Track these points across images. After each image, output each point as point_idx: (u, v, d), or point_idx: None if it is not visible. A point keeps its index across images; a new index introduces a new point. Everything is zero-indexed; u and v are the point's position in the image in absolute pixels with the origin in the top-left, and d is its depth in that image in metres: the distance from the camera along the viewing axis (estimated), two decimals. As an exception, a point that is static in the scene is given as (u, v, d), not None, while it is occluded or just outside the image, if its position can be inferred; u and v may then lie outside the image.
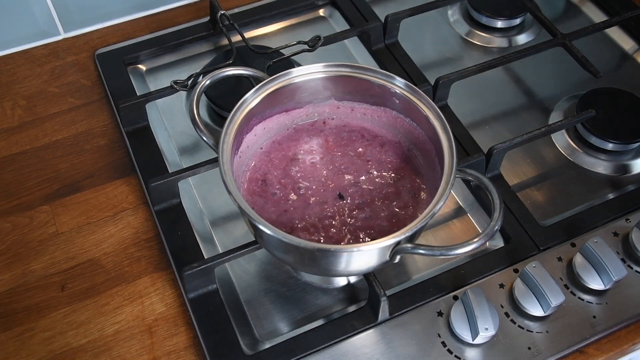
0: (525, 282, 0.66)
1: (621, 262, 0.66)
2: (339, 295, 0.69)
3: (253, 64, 0.85)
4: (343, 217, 0.64)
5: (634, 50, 0.95)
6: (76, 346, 0.66)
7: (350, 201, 0.65)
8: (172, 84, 0.79)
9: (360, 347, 0.65)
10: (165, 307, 0.69)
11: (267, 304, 0.69)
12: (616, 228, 0.73)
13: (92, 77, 0.89)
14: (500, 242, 0.73)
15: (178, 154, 0.81)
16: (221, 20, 0.87)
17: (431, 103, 0.64)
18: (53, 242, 0.73)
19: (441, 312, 0.66)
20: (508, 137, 0.77)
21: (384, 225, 0.63)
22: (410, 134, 0.68)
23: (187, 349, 0.66)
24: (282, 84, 0.66)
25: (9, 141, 0.82)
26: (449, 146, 0.61)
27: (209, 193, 0.77)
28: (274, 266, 0.71)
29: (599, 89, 0.85)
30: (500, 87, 0.90)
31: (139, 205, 0.76)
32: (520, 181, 0.79)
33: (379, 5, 0.99)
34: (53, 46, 0.92)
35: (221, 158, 0.60)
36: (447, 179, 0.59)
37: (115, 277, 0.70)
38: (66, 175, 0.79)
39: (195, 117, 0.66)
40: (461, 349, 0.64)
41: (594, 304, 0.68)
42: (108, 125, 0.84)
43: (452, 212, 0.77)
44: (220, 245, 0.73)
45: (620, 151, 0.81)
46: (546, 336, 0.65)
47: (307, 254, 0.58)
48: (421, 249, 0.57)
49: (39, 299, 0.69)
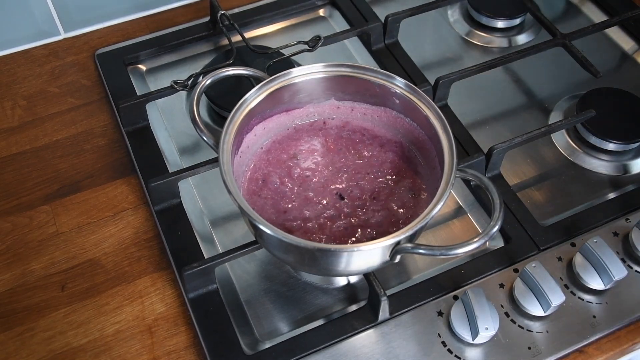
0: (525, 282, 0.66)
1: (621, 262, 0.66)
2: (339, 295, 0.69)
3: (253, 64, 0.85)
4: (343, 217, 0.64)
5: (634, 50, 0.95)
6: (76, 346, 0.66)
7: (350, 201, 0.65)
8: (172, 84, 0.79)
9: (360, 347, 0.65)
10: (165, 307, 0.69)
11: (267, 304, 0.69)
12: (616, 228, 0.73)
13: (92, 77, 0.89)
14: (500, 242, 0.73)
15: (178, 154, 0.81)
16: (221, 20, 0.87)
17: (431, 103, 0.64)
18: (53, 242, 0.73)
19: (441, 312, 0.66)
20: (508, 137, 0.77)
21: (384, 225, 0.63)
22: (411, 134, 0.68)
23: (187, 349, 0.66)
24: (282, 84, 0.66)
25: (9, 141, 0.82)
26: (449, 146, 0.61)
27: (209, 193, 0.77)
28: (274, 266, 0.71)
29: (599, 89, 0.85)
30: (500, 87, 0.90)
31: (139, 205, 0.76)
32: (520, 181, 0.79)
33: (379, 5, 0.99)
34: (53, 46, 0.92)
35: (221, 158, 0.60)
36: (447, 179, 0.59)
37: (116, 277, 0.70)
38: (66, 175, 0.79)
39: (196, 117, 0.66)
40: (461, 348, 0.64)
41: (594, 304, 0.68)
42: (108, 125, 0.84)
43: (452, 212, 0.77)
44: (220, 245, 0.73)
45: (620, 151, 0.81)
46: (546, 336, 0.65)
47: (307, 254, 0.58)
48: (421, 249, 0.57)
49: (39, 299, 0.69)
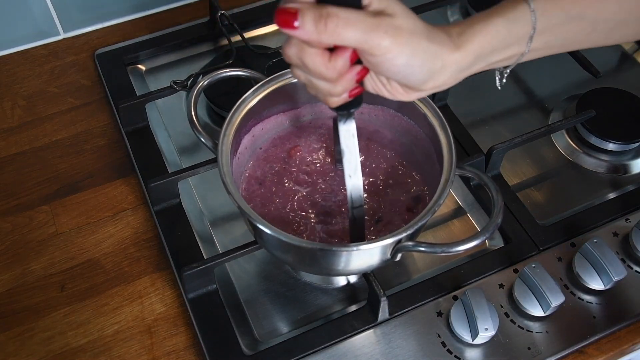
0: (525, 282, 0.66)
1: (621, 262, 0.66)
2: (339, 295, 0.69)
3: (253, 63, 0.85)
4: (343, 217, 0.64)
5: (634, 50, 0.95)
6: (76, 346, 0.66)
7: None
8: (172, 84, 0.79)
9: (360, 347, 0.65)
10: (165, 307, 0.68)
11: (267, 304, 0.69)
12: (616, 228, 0.73)
13: (92, 77, 0.89)
14: (500, 242, 0.73)
15: (178, 154, 0.81)
16: (221, 21, 0.87)
17: (429, 101, 0.64)
18: (53, 242, 0.73)
19: (441, 312, 0.66)
20: (508, 137, 0.77)
21: (384, 223, 0.63)
22: (409, 132, 0.68)
23: (186, 349, 0.66)
24: (280, 84, 0.66)
25: (9, 141, 0.82)
26: (447, 143, 0.61)
27: (208, 193, 0.77)
28: (273, 266, 0.71)
29: (599, 89, 0.85)
30: (501, 87, 0.89)
31: (139, 206, 0.76)
32: (520, 181, 0.79)
33: (378, 5, 0.98)
34: (53, 46, 0.92)
35: (220, 159, 0.60)
36: (446, 176, 0.59)
37: (115, 277, 0.70)
38: (66, 175, 0.79)
39: (194, 119, 0.66)
40: (461, 349, 0.64)
41: (593, 304, 0.68)
42: (108, 126, 0.84)
43: (452, 212, 0.77)
44: (220, 245, 0.73)
45: (620, 151, 0.81)
46: (546, 336, 0.65)
47: (307, 254, 0.58)
48: (422, 247, 0.57)
49: (39, 299, 0.69)
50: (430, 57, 0.46)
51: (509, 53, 0.49)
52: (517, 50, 0.49)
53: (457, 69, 0.48)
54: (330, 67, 0.45)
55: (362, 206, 0.57)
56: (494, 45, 0.48)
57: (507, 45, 0.48)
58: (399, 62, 0.45)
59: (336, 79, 0.46)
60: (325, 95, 0.48)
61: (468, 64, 0.48)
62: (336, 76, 0.45)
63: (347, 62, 0.45)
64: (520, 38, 0.48)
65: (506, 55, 0.49)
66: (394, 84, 0.49)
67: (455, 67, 0.47)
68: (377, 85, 0.50)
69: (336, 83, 0.46)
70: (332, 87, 0.47)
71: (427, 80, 0.47)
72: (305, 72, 0.47)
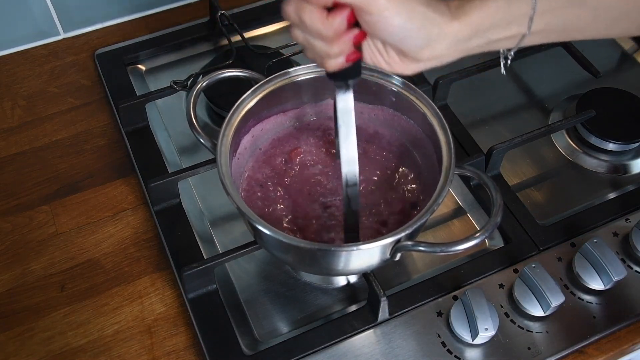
0: (525, 282, 0.66)
1: (621, 262, 0.66)
2: (339, 295, 0.69)
3: (253, 64, 0.85)
4: (342, 216, 0.64)
5: (634, 50, 0.95)
6: (75, 346, 0.66)
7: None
8: (172, 84, 0.79)
9: (360, 347, 0.65)
10: (165, 307, 0.68)
11: (267, 304, 0.69)
12: (616, 228, 0.73)
13: (92, 77, 0.89)
14: (500, 242, 0.73)
15: (178, 154, 0.81)
16: (221, 20, 0.87)
17: (428, 101, 0.64)
18: (53, 242, 0.73)
19: (441, 312, 0.66)
20: (508, 137, 0.77)
21: (384, 223, 0.63)
22: (408, 132, 0.68)
23: (186, 349, 0.66)
24: (280, 84, 0.66)
25: (9, 141, 0.82)
26: (446, 143, 0.61)
27: (208, 193, 0.77)
28: (273, 266, 0.71)
29: (599, 89, 0.85)
30: (500, 87, 0.90)
31: (139, 206, 0.76)
32: (520, 181, 0.79)
33: (378, 5, 0.98)
34: (53, 46, 0.92)
35: (219, 160, 0.60)
36: (446, 175, 0.59)
37: (115, 277, 0.70)
38: (66, 175, 0.79)
39: (193, 120, 0.66)
40: (461, 349, 0.64)
41: (593, 304, 0.68)
42: (108, 126, 0.84)
43: (452, 212, 0.77)
44: (220, 246, 0.73)
45: (620, 151, 0.81)
46: (546, 336, 0.65)
47: (307, 254, 0.58)
48: (422, 246, 0.57)
49: (39, 299, 0.69)
50: (428, 23, 0.46)
51: (509, 32, 0.49)
52: (517, 30, 0.49)
53: (454, 39, 0.47)
54: (327, 24, 0.45)
55: (356, 185, 0.57)
56: (493, 22, 0.48)
57: (507, 22, 0.48)
58: (395, 23, 0.45)
59: (333, 39, 0.46)
60: (323, 57, 0.48)
61: (466, 37, 0.48)
62: (333, 34, 0.45)
63: (344, 21, 0.45)
64: (520, 17, 0.48)
65: (506, 34, 0.49)
66: (391, 53, 0.49)
67: (453, 38, 0.47)
68: (374, 54, 0.49)
69: (333, 43, 0.46)
70: (329, 47, 0.47)
71: (424, 48, 0.47)
72: (303, 31, 0.47)
